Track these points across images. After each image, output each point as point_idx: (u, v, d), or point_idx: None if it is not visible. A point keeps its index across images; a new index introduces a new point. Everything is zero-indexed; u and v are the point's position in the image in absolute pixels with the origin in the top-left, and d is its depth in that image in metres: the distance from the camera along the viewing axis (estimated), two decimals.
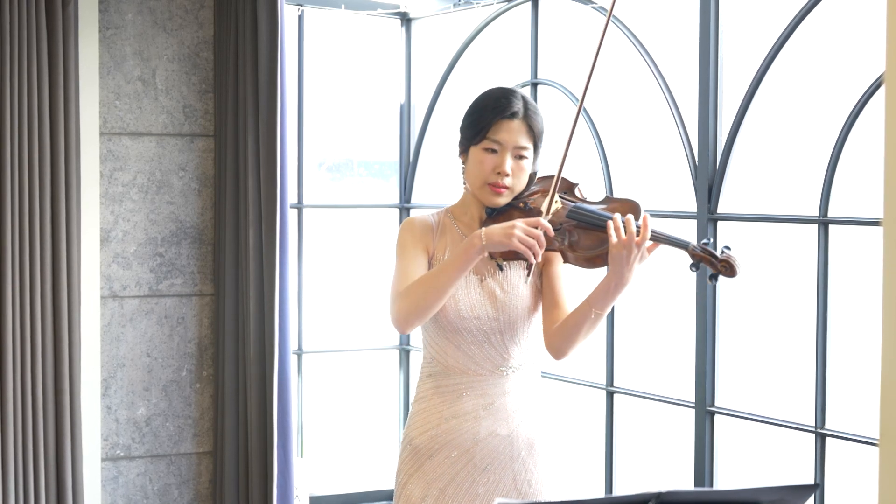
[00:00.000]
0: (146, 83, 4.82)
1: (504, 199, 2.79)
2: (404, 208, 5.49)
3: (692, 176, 4.12)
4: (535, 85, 4.84)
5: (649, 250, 2.62)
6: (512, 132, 2.76)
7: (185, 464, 4.95)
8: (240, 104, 4.70)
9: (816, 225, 3.76)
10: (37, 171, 4.39)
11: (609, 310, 2.67)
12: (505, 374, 2.81)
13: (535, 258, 2.60)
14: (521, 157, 2.78)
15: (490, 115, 2.77)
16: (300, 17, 5.18)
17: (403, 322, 2.73)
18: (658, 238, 2.63)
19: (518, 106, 2.78)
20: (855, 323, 3.74)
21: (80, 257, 4.51)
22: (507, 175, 2.76)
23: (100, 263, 4.74)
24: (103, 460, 4.79)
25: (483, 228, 2.65)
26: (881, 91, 3.51)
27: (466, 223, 2.87)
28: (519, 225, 2.61)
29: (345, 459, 5.46)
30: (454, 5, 5.16)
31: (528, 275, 2.73)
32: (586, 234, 2.69)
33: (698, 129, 4.07)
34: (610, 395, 4.50)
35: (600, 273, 2.69)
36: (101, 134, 4.74)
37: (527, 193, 2.81)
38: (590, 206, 2.73)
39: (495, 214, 2.81)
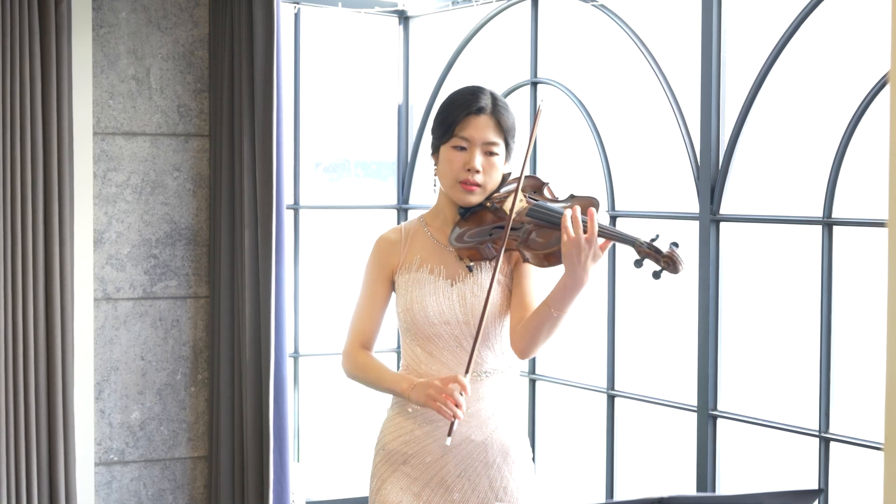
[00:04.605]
0: (140, 82, 4.77)
1: (476, 198, 2.79)
2: (402, 209, 5.45)
3: (694, 177, 4.08)
4: (534, 84, 4.80)
5: (602, 248, 2.57)
6: (479, 128, 2.76)
7: (179, 468, 4.90)
8: (235, 103, 4.66)
9: (820, 226, 3.73)
10: (29, 171, 4.35)
11: (569, 310, 2.62)
12: (480, 378, 2.79)
13: (451, 418, 2.63)
14: (492, 154, 2.78)
15: (457, 111, 2.77)
16: (296, 15, 5.14)
17: (346, 376, 2.97)
18: (606, 234, 2.58)
19: (485, 101, 2.78)
20: (859, 325, 3.71)
21: (74, 259, 4.47)
22: (478, 172, 2.76)
23: (93, 265, 4.69)
24: (97, 465, 4.74)
25: (414, 384, 2.74)
26: (886, 90, 3.47)
27: (438, 227, 2.87)
28: (434, 385, 2.66)
29: (341, 464, 5.43)
30: (453, 3, 5.11)
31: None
32: (542, 232, 2.68)
33: (700, 129, 4.04)
34: (611, 398, 4.46)
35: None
36: (95, 134, 4.70)
37: (498, 193, 2.81)
38: (550, 204, 2.72)
39: (468, 215, 2.82)
